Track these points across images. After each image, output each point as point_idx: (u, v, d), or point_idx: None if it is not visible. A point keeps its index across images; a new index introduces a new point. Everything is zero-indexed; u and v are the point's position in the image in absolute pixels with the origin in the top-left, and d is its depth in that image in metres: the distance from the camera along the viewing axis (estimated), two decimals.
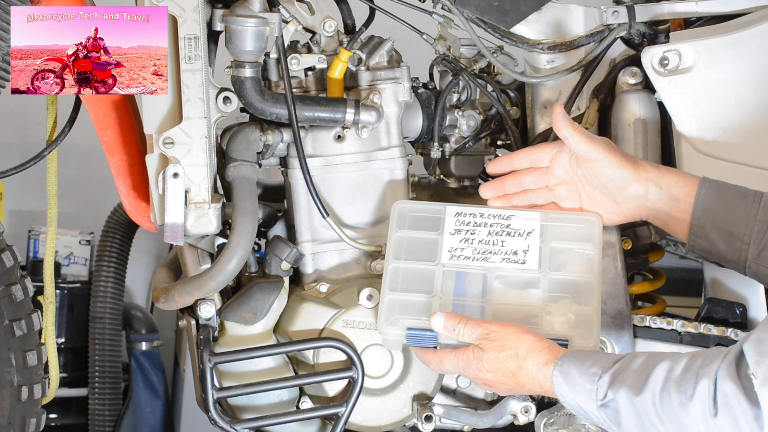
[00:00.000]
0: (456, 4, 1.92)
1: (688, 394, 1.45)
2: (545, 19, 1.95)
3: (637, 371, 1.52)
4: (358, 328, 1.86)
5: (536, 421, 1.89)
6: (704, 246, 1.73)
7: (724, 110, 1.85)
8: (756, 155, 1.85)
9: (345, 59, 1.86)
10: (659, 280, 2.09)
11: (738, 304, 1.93)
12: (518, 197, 1.86)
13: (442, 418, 1.90)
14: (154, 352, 3.51)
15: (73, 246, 3.56)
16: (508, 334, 1.66)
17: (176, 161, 1.76)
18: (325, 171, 1.89)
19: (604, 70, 1.98)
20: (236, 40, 1.76)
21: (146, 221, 1.87)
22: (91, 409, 3.35)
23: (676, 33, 1.92)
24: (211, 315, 1.83)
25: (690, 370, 1.47)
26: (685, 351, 1.86)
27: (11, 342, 1.86)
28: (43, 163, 1.93)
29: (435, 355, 1.74)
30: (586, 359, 1.59)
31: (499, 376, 1.66)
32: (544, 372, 1.62)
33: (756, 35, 1.84)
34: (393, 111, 1.90)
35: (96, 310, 3.31)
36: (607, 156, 1.76)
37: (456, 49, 2.03)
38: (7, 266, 1.88)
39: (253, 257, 1.91)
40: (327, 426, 1.91)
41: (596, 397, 1.55)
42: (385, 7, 1.98)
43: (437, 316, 1.72)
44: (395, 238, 1.82)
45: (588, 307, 1.75)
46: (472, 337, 1.68)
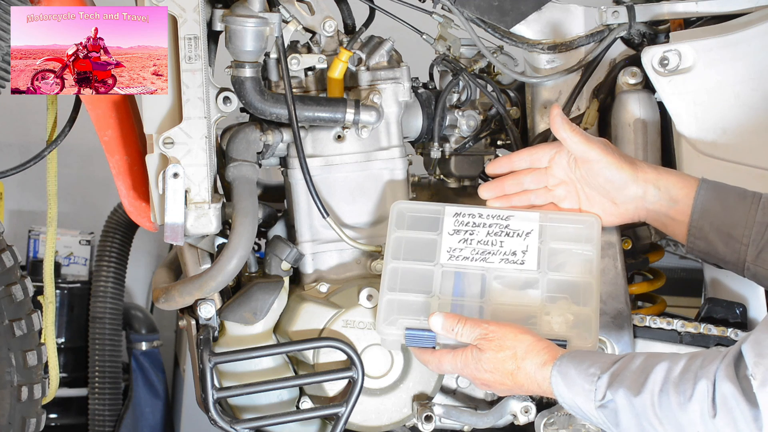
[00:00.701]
0: (456, 4, 1.92)
1: (687, 395, 1.45)
2: (545, 19, 1.95)
3: (635, 372, 1.52)
4: (358, 328, 1.86)
5: (536, 421, 1.89)
6: (703, 247, 1.73)
7: (724, 110, 1.85)
8: (756, 155, 1.85)
9: (345, 59, 1.86)
10: (659, 280, 2.09)
11: (738, 304, 1.93)
12: (517, 198, 1.86)
13: (442, 418, 1.90)
14: (154, 352, 3.51)
15: (73, 246, 3.55)
16: (506, 335, 1.66)
17: (176, 161, 1.76)
18: (325, 171, 1.89)
19: (604, 70, 1.98)
20: (236, 40, 1.76)
21: (146, 221, 1.87)
22: (91, 409, 3.35)
23: (676, 33, 1.92)
24: (211, 315, 1.83)
25: (689, 370, 1.47)
26: (685, 351, 1.87)
27: (11, 342, 1.86)
28: (43, 163, 1.93)
29: (434, 356, 1.74)
30: (585, 359, 1.59)
31: (497, 376, 1.66)
32: (542, 372, 1.62)
33: (756, 35, 1.84)
34: (393, 111, 1.90)
35: (96, 310, 3.31)
36: (606, 157, 1.76)
37: (456, 49, 2.03)
38: (7, 266, 1.88)
39: (253, 257, 1.91)
40: (327, 426, 1.91)
41: (595, 397, 1.55)
42: (385, 7, 1.98)
43: (436, 316, 1.72)
44: (394, 238, 1.82)
45: (587, 307, 1.75)
46: (471, 337, 1.68)
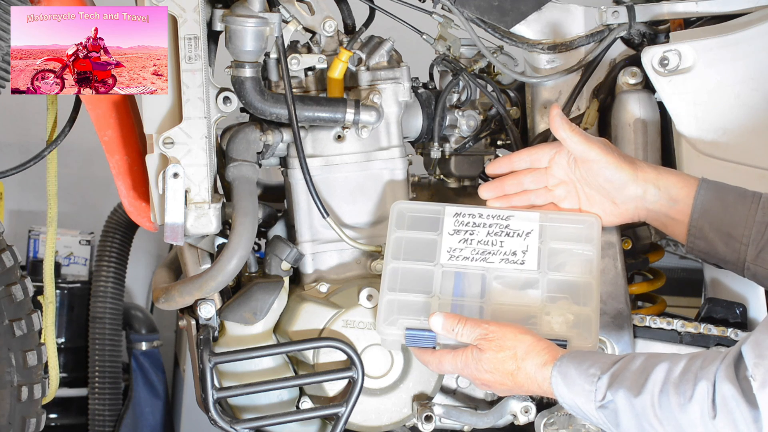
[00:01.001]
0: (456, 4, 1.92)
1: (687, 396, 1.45)
2: (545, 19, 1.95)
3: (636, 372, 1.51)
4: (358, 328, 1.86)
5: (536, 421, 1.89)
6: (703, 247, 1.73)
7: (724, 110, 1.85)
8: (756, 155, 1.85)
9: (345, 59, 1.86)
10: (659, 280, 2.09)
11: (738, 304, 1.93)
12: (517, 198, 1.85)
13: (442, 418, 1.90)
14: (154, 352, 3.51)
15: (73, 246, 3.55)
16: (506, 335, 1.65)
17: (176, 161, 1.76)
18: (325, 171, 1.89)
19: (604, 70, 1.98)
20: (236, 40, 1.76)
21: (146, 221, 1.87)
22: (91, 409, 3.35)
23: (676, 33, 1.92)
24: (211, 315, 1.83)
25: (689, 371, 1.46)
26: (686, 351, 1.87)
27: (11, 342, 1.86)
28: (43, 163, 1.93)
29: (434, 356, 1.74)
30: (585, 360, 1.59)
31: (497, 376, 1.66)
32: (542, 372, 1.62)
33: (756, 35, 1.84)
34: (393, 111, 1.90)
35: (96, 310, 3.31)
36: (605, 157, 1.75)
37: (456, 49, 2.03)
38: (7, 266, 1.88)
39: (253, 257, 1.91)
40: (327, 426, 1.91)
41: (595, 398, 1.54)
42: (385, 7, 1.98)
43: (436, 316, 1.72)
44: (394, 238, 1.82)
45: (587, 307, 1.75)
46: (471, 337, 1.68)
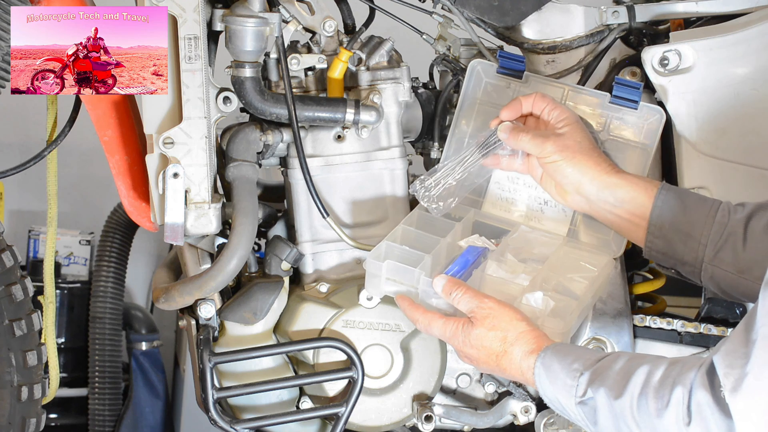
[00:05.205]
0: (456, 4, 1.92)
1: (665, 401, 1.43)
2: (545, 19, 1.95)
3: (618, 373, 1.50)
4: (358, 328, 1.86)
5: (536, 421, 1.89)
6: (661, 247, 1.72)
7: (724, 110, 1.85)
8: (756, 155, 1.85)
9: (345, 59, 1.86)
10: (659, 280, 2.09)
11: (738, 304, 1.93)
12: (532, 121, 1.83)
13: (442, 418, 1.90)
14: (154, 352, 3.51)
15: (73, 246, 3.55)
16: (502, 315, 1.65)
17: (176, 161, 1.76)
18: (325, 171, 1.89)
19: (604, 70, 1.98)
20: (236, 40, 1.76)
21: (146, 221, 1.87)
22: (91, 409, 3.35)
23: (676, 33, 1.92)
24: (211, 315, 1.83)
25: (668, 376, 1.45)
26: (686, 351, 1.87)
27: (11, 342, 1.86)
28: (43, 163, 1.93)
29: (424, 316, 1.72)
30: (569, 354, 1.58)
31: (482, 354, 1.65)
32: (527, 361, 1.61)
33: (756, 35, 1.84)
34: (393, 111, 1.90)
35: (96, 310, 3.31)
36: (560, 153, 1.74)
37: (456, 49, 2.03)
38: (7, 266, 1.88)
39: (253, 257, 1.91)
40: (327, 426, 1.91)
41: (576, 393, 1.54)
42: (385, 7, 1.98)
43: (440, 277, 1.71)
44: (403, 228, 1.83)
45: (573, 300, 1.74)
46: (467, 307, 1.67)
